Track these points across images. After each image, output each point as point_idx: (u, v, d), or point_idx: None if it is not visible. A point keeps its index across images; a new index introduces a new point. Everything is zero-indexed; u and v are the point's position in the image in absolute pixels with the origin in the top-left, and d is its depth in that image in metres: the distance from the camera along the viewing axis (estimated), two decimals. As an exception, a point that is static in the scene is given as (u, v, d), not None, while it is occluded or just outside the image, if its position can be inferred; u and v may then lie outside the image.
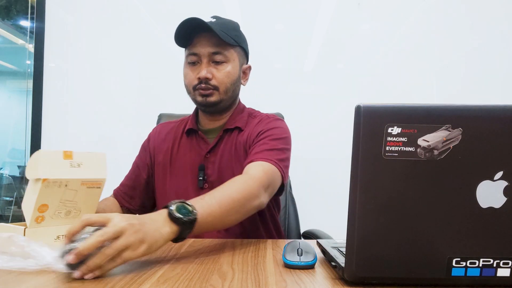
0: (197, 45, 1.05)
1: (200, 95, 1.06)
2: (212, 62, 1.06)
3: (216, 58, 1.05)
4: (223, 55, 1.06)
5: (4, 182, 4.36)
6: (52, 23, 1.93)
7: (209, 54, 1.04)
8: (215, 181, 1.06)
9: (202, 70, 1.04)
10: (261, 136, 1.06)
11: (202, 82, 1.05)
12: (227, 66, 1.07)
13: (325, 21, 1.91)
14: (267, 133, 1.06)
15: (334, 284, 0.58)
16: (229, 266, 0.68)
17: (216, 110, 1.12)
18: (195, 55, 1.06)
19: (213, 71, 1.05)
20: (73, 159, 0.75)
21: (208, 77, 1.04)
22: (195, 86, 1.06)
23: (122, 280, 0.58)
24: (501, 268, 0.54)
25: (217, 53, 1.05)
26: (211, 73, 1.05)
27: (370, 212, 0.53)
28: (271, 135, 1.05)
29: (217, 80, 1.05)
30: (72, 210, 0.76)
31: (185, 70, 1.09)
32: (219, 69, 1.06)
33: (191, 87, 1.07)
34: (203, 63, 1.05)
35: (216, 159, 1.09)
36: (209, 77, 1.04)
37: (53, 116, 1.92)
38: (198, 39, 1.05)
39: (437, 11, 1.89)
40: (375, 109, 0.53)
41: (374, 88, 1.87)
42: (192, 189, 1.08)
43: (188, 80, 1.08)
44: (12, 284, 0.56)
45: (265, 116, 1.15)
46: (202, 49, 1.04)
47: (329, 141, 1.81)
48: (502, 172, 0.53)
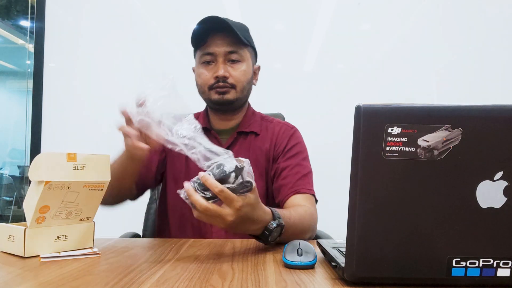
0: (212, 44, 1.05)
1: (216, 93, 1.07)
2: (228, 61, 1.06)
3: (232, 57, 1.06)
4: (239, 54, 1.07)
5: (4, 182, 4.36)
6: (52, 23, 1.93)
7: (225, 53, 1.05)
8: None
9: (219, 69, 1.05)
10: (292, 151, 1.11)
11: (219, 81, 1.05)
12: (243, 65, 1.08)
13: (325, 21, 1.91)
14: (297, 149, 1.12)
15: (334, 284, 0.58)
16: (229, 266, 0.68)
17: (230, 108, 1.12)
18: (210, 54, 1.06)
19: (230, 70, 1.06)
20: (76, 161, 0.75)
21: (226, 75, 1.05)
22: (212, 85, 1.07)
23: (122, 280, 0.58)
24: (501, 268, 0.54)
25: (233, 52, 1.06)
26: (228, 72, 1.06)
27: (370, 212, 0.54)
28: (301, 152, 1.12)
29: (234, 79, 1.06)
30: (73, 211, 0.77)
31: (198, 70, 1.09)
32: (235, 68, 1.07)
33: (207, 86, 1.07)
34: (218, 62, 1.06)
35: None
36: (227, 76, 1.05)
37: (53, 116, 1.92)
38: (213, 38, 1.05)
39: (437, 11, 1.89)
40: (375, 109, 0.53)
41: (374, 88, 1.87)
42: None
43: (202, 80, 1.08)
44: (12, 284, 0.56)
45: (284, 125, 1.18)
46: (218, 48, 1.05)
47: (329, 141, 1.81)
48: (502, 172, 0.53)
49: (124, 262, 0.70)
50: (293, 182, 1.06)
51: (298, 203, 1.01)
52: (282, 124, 1.18)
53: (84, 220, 0.80)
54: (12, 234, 0.73)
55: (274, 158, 1.12)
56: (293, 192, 1.04)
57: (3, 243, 0.75)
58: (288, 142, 1.12)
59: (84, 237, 0.80)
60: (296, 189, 1.04)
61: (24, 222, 0.74)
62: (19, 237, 0.72)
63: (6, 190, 4.25)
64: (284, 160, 1.10)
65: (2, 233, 0.75)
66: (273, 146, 1.12)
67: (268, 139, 1.13)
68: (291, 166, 1.08)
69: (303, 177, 1.07)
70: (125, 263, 0.69)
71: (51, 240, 0.74)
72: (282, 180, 1.07)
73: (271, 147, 1.12)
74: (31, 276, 0.60)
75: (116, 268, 0.62)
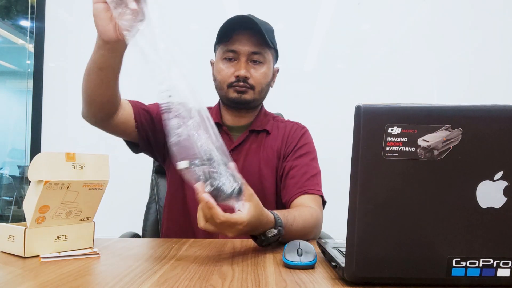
0: (237, 42, 1.05)
1: (235, 92, 1.07)
2: (250, 62, 1.06)
3: (254, 57, 1.06)
4: (262, 55, 1.07)
5: (4, 182, 4.36)
6: (52, 23, 1.93)
7: (249, 53, 1.05)
8: None
9: (241, 68, 1.05)
10: (301, 150, 1.11)
11: (239, 80, 1.05)
12: (264, 67, 1.08)
13: (325, 21, 1.91)
14: (306, 149, 1.12)
15: (334, 284, 0.58)
16: (229, 266, 0.68)
17: (245, 108, 1.12)
18: (233, 52, 1.06)
19: (251, 71, 1.06)
20: (75, 161, 0.75)
21: (247, 76, 1.05)
22: (231, 83, 1.06)
23: (122, 280, 0.58)
24: (501, 268, 0.54)
25: (256, 53, 1.06)
26: (249, 73, 1.06)
27: (370, 212, 0.53)
28: (310, 153, 1.12)
29: (254, 80, 1.07)
30: (73, 211, 0.77)
31: (219, 66, 1.09)
32: (257, 69, 1.07)
33: (226, 83, 1.07)
34: (241, 61, 1.05)
35: (240, 158, 1.09)
36: (248, 76, 1.05)
37: (53, 116, 1.92)
38: (238, 36, 1.05)
39: (437, 11, 1.89)
40: (375, 109, 0.53)
41: (374, 88, 1.87)
42: None
43: (222, 76, 1.08)
44: (12, 284, 0.56)
45: (295, 124, 1.19)
46: (242, 47, 1.05)
47: (329, 141, 1.80)
48: (502, 172, 0.53)
49: (124, 262, 0.70)
50: (301, 182, 1.05)
51: (305, 204, 1.01)
52: (294, 123, 1.19)
53: (84, 220, 0.80)
54: (12, 234, 0.73)
55: (284, 156, 1.12)
56: (301, 193, 1.03)
57: (3, 243, 0.75)
58: (298, 141, 1.13)
59: (84, 237, 0.80)
60: (304, 190, 1.04)
61: (24, 222, 0.74)
62: (19, 237, 0.72)
63: (6, 190, 4.25)
64: (293, 159, 1.10)
65: (2, 233, 0.75)
66: (284, 145, 1.13)
67: (280, 138, 1.13)
68: (300, 166, 1.08)
69: (312, 177, 1.07)
70: (125, 263, 0.69)
71: (51, 240, 0.74)
72: (290, 179, 1.07)
73: (282, 145, 1.12)
74: (31, 276, 0.60)
75: (116, 268, 0.62)
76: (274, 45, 1.11)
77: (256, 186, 1.08)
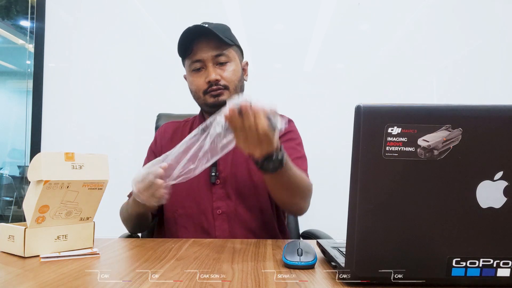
0: (198, 52, 1.07)
1: (211, 97, 1.08)
2: (216, 64, 1.08)
3: (219, 59, 1.08)
4: (225, 55, 1.08)
5: (4, 182, 4.36)
6: (52, 23, 1.93)
7: (212, 57, 1.07)
8: (227, 176, 1.09)
9: (210, 73, 1.06)
10: (285, 137, 1.14)
11: (212, 85, 1.07)
12: (231, 65, 1.09)
13: (325, 21, 1.90)
14: (290, 135, 1.15)
15: (334, 284, 0.58)
16: (229, 266, 0.68)
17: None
18: (198, 61, 1.08)
19: (220, 72, 1.08)
20: (75, 161, 0.75)
21: (218, 78, 1.07)
22: (206, 90, 1.08)
23: (122, 280, 0.58)
24: (501, 268, 0.54)
25: (219, 55, 1.07)
26: (219, 75, 1.07)
27: (370, 212, 0.53)
28: (295, 139, 1.16)
29: (226, 80, 1.08)
30: (72, 210, 0.77)
31: (190, 78, 1.11)
32: (225, 69, 1.08)
33: (201, 92, 1.09)
34: (208, 67, 1.07)
35: (229, 155, 1.09)
36: (218, 79, 1.07)
37: (53, 116, 1.91)
38: (197, 46, 1.07)
39: (437, 11, 1.89)
40: (375, 109, 0.53)
41: (374, 88, 1.87)
42: (204, 185, 1.09)
43: (196, 87, 1.10)
44: (12, 284, 0.56)
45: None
46: (205, 54, 1.07)
47: (329, 141, 1.81)
48: (502, 172, 0.53)
49: (124, 262, 0.70)
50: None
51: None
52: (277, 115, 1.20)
53: (84, 220, 0.80)
54: (12, 234, 0.73)
55: None
56: None
57: (3, 243, 0.75)
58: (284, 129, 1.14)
59: (84, 237, 0.80)
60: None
61: (24, 222, 0.74)
62: (19, 237, 0.72)
63: (6, 190, 4.24)
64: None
65: (2, 233, 0.75)
66: None
67: None
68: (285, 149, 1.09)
69: (297, 159, 1.09)
70: (125, 263, 0.69)
71: (51, 240, 0.74)
72: None
73: None
74: (31, 276, 0.60)
75: (116, 268, 0.62)
76: (235, 42, 1.12)
77: (246, 180, 1.09)
